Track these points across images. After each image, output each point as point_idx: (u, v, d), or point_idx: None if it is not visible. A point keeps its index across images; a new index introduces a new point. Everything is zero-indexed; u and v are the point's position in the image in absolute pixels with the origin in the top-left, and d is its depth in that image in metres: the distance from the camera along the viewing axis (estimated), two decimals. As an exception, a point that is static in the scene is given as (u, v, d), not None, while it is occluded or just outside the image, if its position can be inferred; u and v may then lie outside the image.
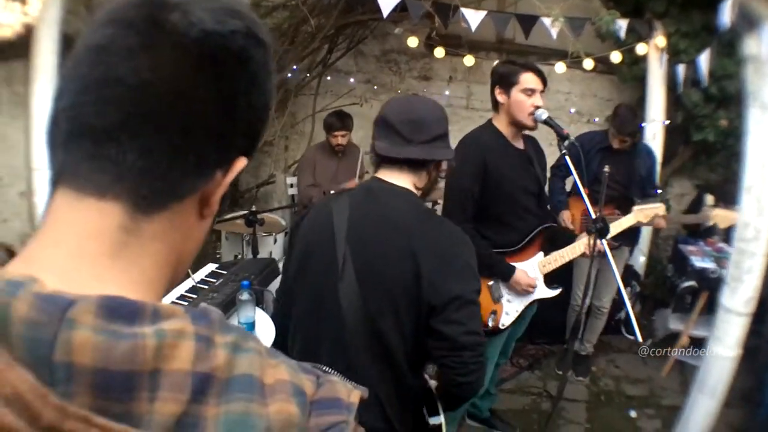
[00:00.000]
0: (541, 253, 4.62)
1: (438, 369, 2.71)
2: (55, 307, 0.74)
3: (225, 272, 4.81)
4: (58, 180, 0.90)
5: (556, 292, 4.66)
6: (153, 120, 0.87)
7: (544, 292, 4.59)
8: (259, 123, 1.03)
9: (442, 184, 4.15)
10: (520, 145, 4.52)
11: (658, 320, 7.19)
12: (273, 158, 9.68)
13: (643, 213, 4.88)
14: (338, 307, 2.52)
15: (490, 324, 4.41)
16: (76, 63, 0.90)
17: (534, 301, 4.62)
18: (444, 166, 2.83)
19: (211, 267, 4.96)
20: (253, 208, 5.98)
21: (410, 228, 2.56)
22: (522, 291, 4.47)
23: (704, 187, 7.85)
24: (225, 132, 0.96)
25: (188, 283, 4.52)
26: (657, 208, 4.95)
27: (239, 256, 6.41)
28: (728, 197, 5.82)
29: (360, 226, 2.61)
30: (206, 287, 4.50)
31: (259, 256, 6.02)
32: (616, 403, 6.16)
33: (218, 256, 7.31)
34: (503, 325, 4.47)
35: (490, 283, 4.44)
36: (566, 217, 6.17)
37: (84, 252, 0.85)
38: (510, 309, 4.49)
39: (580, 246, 4.52)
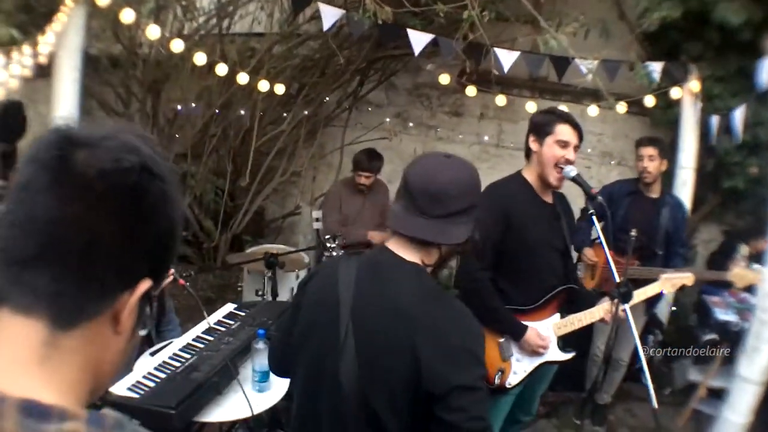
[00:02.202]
0: (558, 315, 4.48)
1: None
2: None
3: (243, 314, 4.74)
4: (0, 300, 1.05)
5: (569, 356, 4.53)
6: (61, 251, 1.03)
7: (556, 354, 4.46)
8: (163, 248, 1.17)
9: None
10: (548, 198, 4.43)
11: (677, 370, 7.07)
12: (300, 189, 9.66)
13: (671, 282, 4.69)
14: (338, 384, 2.43)
15: (497, 382, 4.28)
16: (10, 199, 1.06)
17: (547, 362, 4.48)
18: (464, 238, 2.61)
19: (229, 307, 4.88)
20: (276, 248, 5.93)
21: (412, 314, 2.41)
22: (533, 352, 4.35)
23: (734, 235, 7.69)
24: (125, 260, 1.09)
25: (203, 325, 4.45)
26: (685, 278, 4.75)
27: (260, 293, 6.32)
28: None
29: (363, 305, 2.48)
30: (223, 329, 4.45)
31: (279, 297, 5.96)
32: (632, 454, 6.03)
33: (240, 289, 7.22)
34: (509, 384, 4.34)
35: (501, 340, 4.32)
36: (590, 254, 6.16)
37: (18, 358, 1.03)
38: (518, 368, 4.36)
39: (599, 311, 4.36)
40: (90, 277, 1.05)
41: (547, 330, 4.39)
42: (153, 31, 5.98)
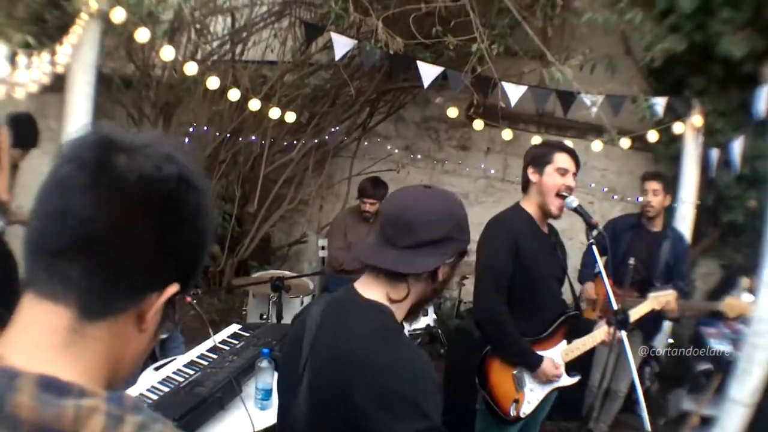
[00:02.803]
0: (564, 342, 4.52)
1: None
2: (5, 376, 1.00)
3: (247, 335, 4.75)
4: (26, 284, 1.11)
5: (575, 379, 4.55)
6: (93, 248, 1.07)
7: (565, 380, 4.49)
8: (191, 258, 1.22)
9: (472, 257, 4.09)
10: (546, 229, 4.48)
11: (672, 400, 7.09)
12: (307, 218, 9.73)
13: (657, 300, 4.82)
14: (296, 423, 2.36)
15: (512, 414, 4.29)
16: (45, 192, 1.11)
17: (560, 388, 4.52)
18: (441, 276, 2.40)
19: (234, 328, 4.91)
20: (282, 273, 5.99)
21: (353, 356, 2.24)
22: (547, 380, 4.39)
23: (735, 269, 7.71)
24: (156, 264, 1.14)
25: (209, 344, 4.49)
26: (669, 295, 4.88)
27: (264, 317, 6.37)
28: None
29: (320, 345, 2.36)
30: (227, 348, 4.47)
31: (283, 321, 5.98)
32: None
33: (244, 312, 7.27)
34: (524, 414, 4.35)
35: (515, 371, 4.33)
36: (589, 289, 6.21)
37: (43, 342, 1.07)
38: (532, 398, 4.37)
39: (600, 334, 4.41)
40: (120, 276, 1.09)
41: (557, 357, 4.43)
42: (167, 53, 6.02)
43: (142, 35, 5.66)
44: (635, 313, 4.58)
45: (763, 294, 4.49)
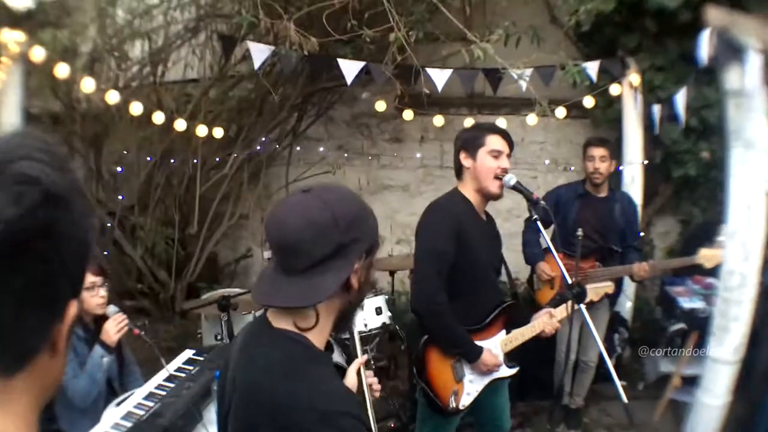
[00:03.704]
0: (504, 332, 4.48)
1: None
2: None
3: (201, 358, 4.71)
4: None
5: (514, 371, 4.52)
6: None
7: (504, 371, 4.46)
8: (80, 267, 1.12)
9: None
10: (484, 217, 4.44)
11: (648, 364, 7.08)
12: (250, 231, 9.63)
13: (594, 292, 4.69)
14: None
15: (452, 405, 4.26)
16: None
17: (497, 379, 4.47)
18: (356, 283, 2.20)
19: (188, 354, 4.84)
20: (230, 291, 5.92)
21: (259, 394, 2.09)
22: (486, 371, 4.34)
23: (702, 224, 7.70)
24: (50, 297, 1.05)
25: (164, 374, 4.41)
26: (606, 287, 4.87)
27: (219, 337, 6.28)
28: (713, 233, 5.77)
29: (237, 383, 2.21)
30: (183, 375, 4.42)
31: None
32: (610, 454, 6.01)
33: (199, 335, 7.16)
34: (463, 405, 4.32)
35: (454, 362, 4.31)
36: (545, 268, 6.08)
37: None
38: (471, 389, 4.35)
39: (539, 324, 4.37)
40: (24, 327, 1.02)
41: (495, 347, 4.39)
42: (87, 84, 6.00)
43: (61, 70, 5.66)
44: (560, 312, 4.46)
45: (730, 246, 4.46)
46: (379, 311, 6.44)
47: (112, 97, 6.28)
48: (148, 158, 8.43)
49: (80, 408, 4.41)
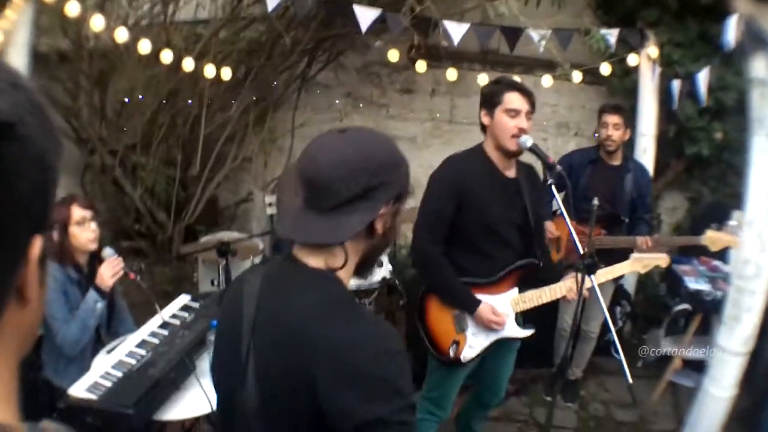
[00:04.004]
0: (516, 290, 4.39)
1: None
2: None
3: (197, 305, 4.62)
4: None
5: (528, 332, 4.45)
6: None
7: (514, 330, 4.38)
8: (43, 194, 0.93)
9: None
10: (511, 173, 4.31)
11: (649, 341, 7.00)
12: (252, 175, 9.49)
13: (642, 263, 4.56)
14: (245, 413, 2.10)
15: (452, 355, 4.25)
16: None
17: (509, 339, 4.42)
18: (381, 228, 2.14)
19: (183, 299, 4.76)
20: (228, 236, 5.83)
21: (309, 335, 1.98)
22: (487, 326, 4.27)
23: (713, 203, 7.64)
24: (4, 231, 0.88)
25: (158, 320, 4.34)
26: (659, 260, 4.61)
27: (215, 282, 6.21)
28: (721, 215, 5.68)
29: (264, 323, 2.11)
30: (178, 322, 4.34)
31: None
32: (606, 429, 5.99)
33: (195, 280, 7.08)
34: (465, 358, 4.28)
35: (456, 312, 4.29)
36: (551, 228, 6.00)
37: None
38: (474, 343, 4.29)
39: (562, 288, 4.29)
40: None
41: (504, 306, 4.31)
42: (97, 22, 5.90)
43: (72, 8, 5.58)
44: (610, 272, 4.43)
45: (747, 235, 4.35)
46: (380, 264, 6.34)
47: (121, 34, 6.19)
48: (154, 99, 8.30)
49: (68, 356, 4.31)
